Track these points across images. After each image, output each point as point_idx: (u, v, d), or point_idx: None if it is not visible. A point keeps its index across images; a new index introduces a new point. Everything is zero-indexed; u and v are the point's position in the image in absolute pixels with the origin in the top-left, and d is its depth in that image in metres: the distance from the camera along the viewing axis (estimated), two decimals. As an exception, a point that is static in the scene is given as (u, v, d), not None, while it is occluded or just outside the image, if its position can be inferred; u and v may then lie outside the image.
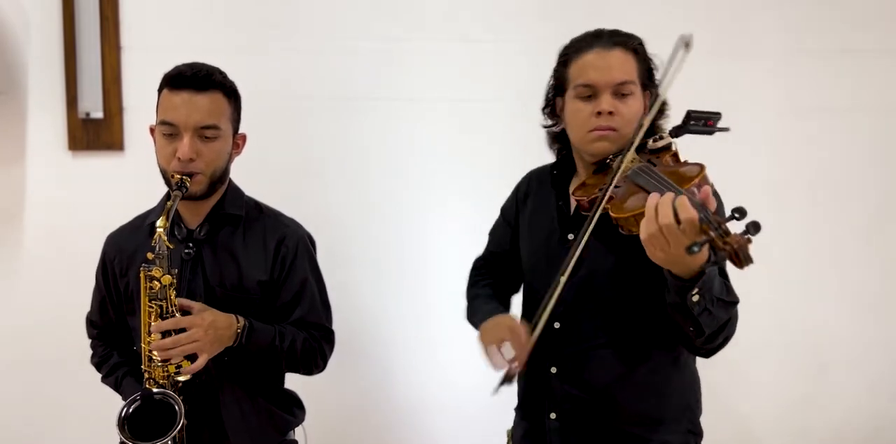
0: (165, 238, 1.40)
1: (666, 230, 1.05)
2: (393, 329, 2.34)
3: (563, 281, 1.28)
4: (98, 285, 1.64)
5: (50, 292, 2.25)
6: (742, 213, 1.00)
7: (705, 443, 1.44)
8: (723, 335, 1.22)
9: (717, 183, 1.33)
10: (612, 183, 1.25)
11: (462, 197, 2.31)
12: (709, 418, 1.44)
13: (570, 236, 1.39)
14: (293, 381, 1.67)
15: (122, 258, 1.58)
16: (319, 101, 2.30)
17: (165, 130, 1.45)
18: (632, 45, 1.36)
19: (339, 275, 1.85)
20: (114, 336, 1.65)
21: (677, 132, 1.32)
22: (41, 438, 2.29)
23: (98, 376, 1.66)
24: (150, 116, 1.51)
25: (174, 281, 1.41)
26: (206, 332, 1.40)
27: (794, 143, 2.34)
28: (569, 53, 1.40)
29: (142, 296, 1.42)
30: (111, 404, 1.51)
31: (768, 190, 2.32)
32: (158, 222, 1.39)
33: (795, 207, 2.35)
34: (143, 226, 1.59)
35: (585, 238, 1.25)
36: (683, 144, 1.35)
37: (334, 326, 1.64)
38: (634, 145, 1.28)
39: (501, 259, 1.62)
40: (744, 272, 1.29)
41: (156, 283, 1.40)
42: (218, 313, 1.45)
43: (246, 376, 1.53)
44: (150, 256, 1.40)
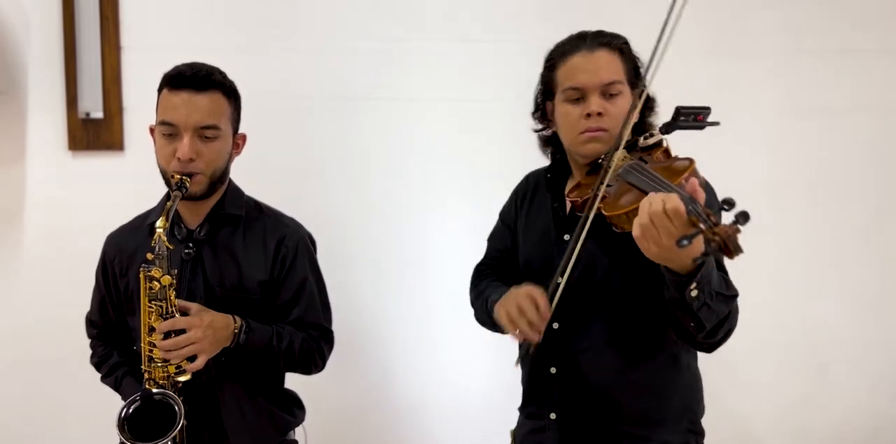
0: (165, 239, 1.39)
1: (656, 222, 1.05)
2: (393, 329, 2.34)
3: (561, 282, 1.28)
4: (98, 284, 1.64)
5: (50, 292, 2.25)
6: (731, 204, 1.00)
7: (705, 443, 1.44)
8: (724, 329, 1.22)
9: (718, 183, 1.33)
10: (603, 182, 1.25)
11: (462, 197, 2.31)
12: (709, 418, 1.44)
13: (567, 237, 1.39)
14: (293, 381, 1.67)
15: (122, 258, 1.58)
16: (319, 101, 2.30)
17: (165, 130, 1.44)
18: (617, 44, 1.36)
19: (339, 275, 1.85)
20: (113, 336, 1.65)
21: (668, 129, 1.31)
22: (41, 438, 2.29)
23: (98, 375, 1.66)
24: (150, 116, 1.51)
25: (174, 282, 1.41)
26: (205, 332, 1.40)
27: (794, 143, 2.34)
28: (554, 57, 1.40)
29: (141, 296, 1.42)
30: (111, 404, 1.51)
31: (768, 190, 2.32)
32: (158, 223, 1.39)
33: (795, 207, 2.35)
34: (143, 226, 1.59)
35: (581, 238, 1.25)
36: (683, 144, 1.35)
37: (334, 326, 1.64)
38: (622, 144, 1.28)
39: (503, 262, 1.61)
40: (744, 272, 1.31)
41: (155, 283, 1.40)
42: (215, 313, 1.45)
43: (246, 376, 1.53)
44: (149, 256, 1.40)
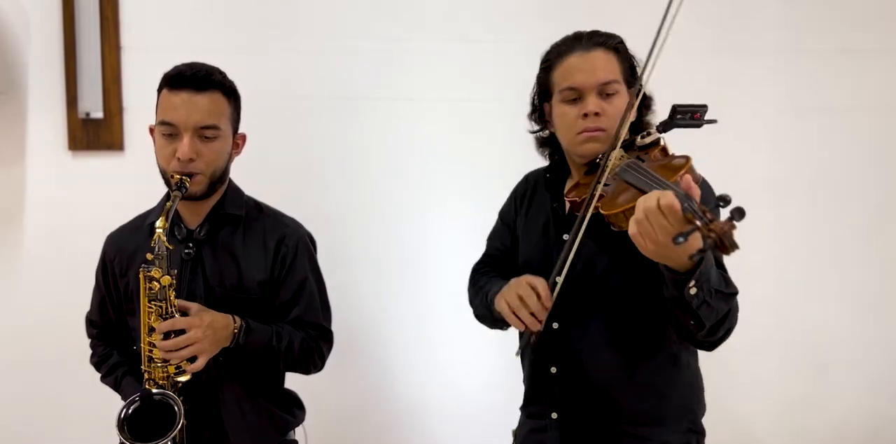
0: (165, 239, 1.39)
1: (652, 218, 1.05)
2: (393, 329, 2.34)
3: (559, 281, 1.28)
4: (98, 284, 1.64)
5: (50, 292, 2.25)
6: (726, 201, 0.99)
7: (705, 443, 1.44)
8: (724, 328, 1.22)
9: (718, 181, 1.33)
10: (600, 181, 1.25)
11: (462, 197, 2.31)
12: (709, 418, 1.44)
13: (566, 237, 1.39)
14: (293, 381, 1.67)
15: (122, 258, 1.58)
16: (319, 101, 2.30)
17: (165, 131, 1.44)
18: (612, 44, 1.36)
19: (339, 275, 1.85)
20: (113, 336, 1.65)
21: (665, 127, 1.31)
22: (41, 438, 2.29)
23: (98, 375, 1.66)
24: (150, 116, 1.51)
25: (173, 282, 1.41)
26: (205, 332, 1.40)
27: (794, 142, 2.34)
28: (550, 58, 1.40)
29: (141, 296, 1.42)
30: (111, 404, 1.51)
31: (768, 188, 2.32)
32: (158, 223, 1.39)
33: (795, 206, 2.35)
34: (143, 226, 1.59)
35: (579, 237, 1.26)
36: (683, 142, 1.35)
37: (334, 326, 1.64)
38: (618, 143, 1.28)
39: (501, 261, 1.61)
40: (744, 271, 1.31)
41: (155, 283, 1.40)
42: (215, 313, 1.45)
43: (246, 376, 1.53)
44: (149, 256, 1.40)
